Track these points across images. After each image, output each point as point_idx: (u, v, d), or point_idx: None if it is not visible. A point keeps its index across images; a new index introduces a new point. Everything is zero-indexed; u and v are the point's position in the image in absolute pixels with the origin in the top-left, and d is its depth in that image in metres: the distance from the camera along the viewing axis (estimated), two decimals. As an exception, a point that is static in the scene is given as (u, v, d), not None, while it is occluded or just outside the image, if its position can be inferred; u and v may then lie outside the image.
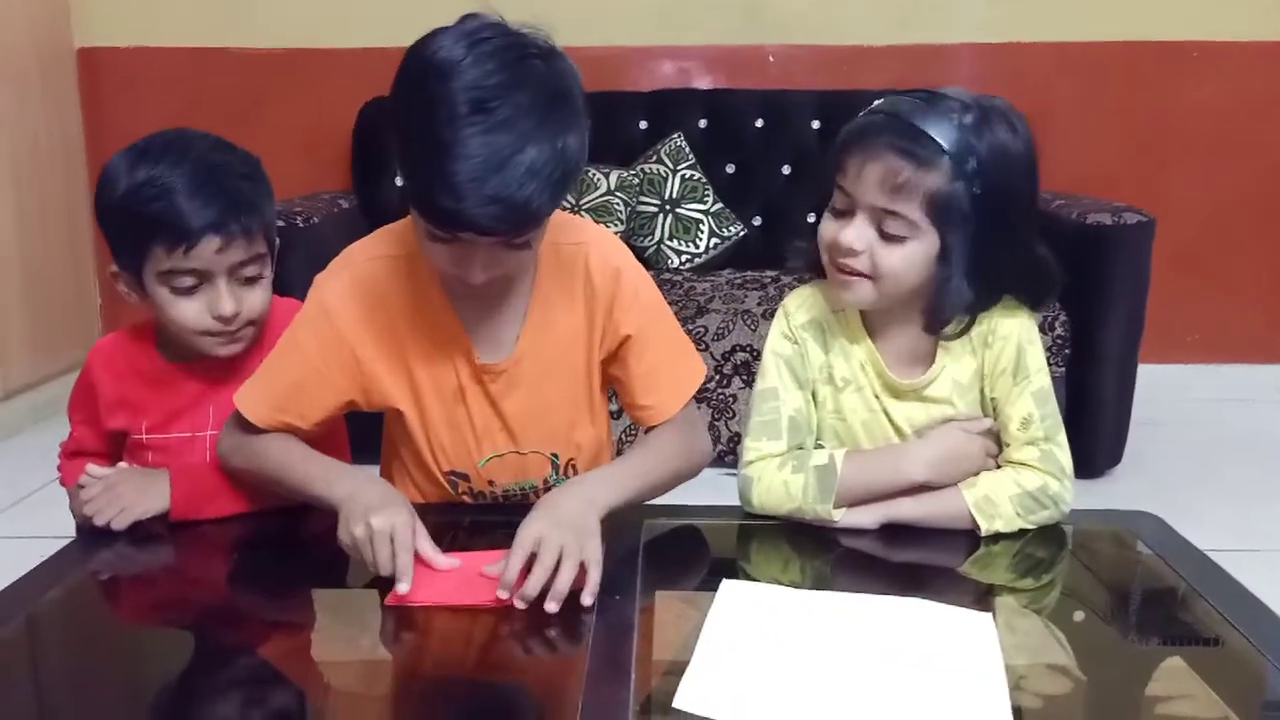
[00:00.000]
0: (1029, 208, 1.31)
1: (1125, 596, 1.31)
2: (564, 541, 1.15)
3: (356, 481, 1.27)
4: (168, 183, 1.35)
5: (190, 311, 1.41)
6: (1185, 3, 3.84)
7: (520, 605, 1.12)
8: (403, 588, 1.13)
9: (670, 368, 1.43)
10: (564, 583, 1.13)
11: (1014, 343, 1.35)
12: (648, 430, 1.44)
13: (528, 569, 1.14)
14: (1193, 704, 1.04)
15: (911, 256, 1.28)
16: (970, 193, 1.24)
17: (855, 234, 1.29)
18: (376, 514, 1.18)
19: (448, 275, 1.30)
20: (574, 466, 1.48)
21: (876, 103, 1.31)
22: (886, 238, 1.28)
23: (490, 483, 1.45)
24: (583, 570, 1.15)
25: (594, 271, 1.38)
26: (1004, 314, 1.35)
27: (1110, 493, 3.05)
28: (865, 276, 1.31)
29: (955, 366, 1.37)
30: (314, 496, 1.29)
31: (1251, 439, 3.57)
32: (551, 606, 1.12)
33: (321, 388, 1.36)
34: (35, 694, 1.07)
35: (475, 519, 1.42)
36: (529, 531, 1.16)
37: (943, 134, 1.23)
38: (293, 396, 1.36)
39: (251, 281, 1.43)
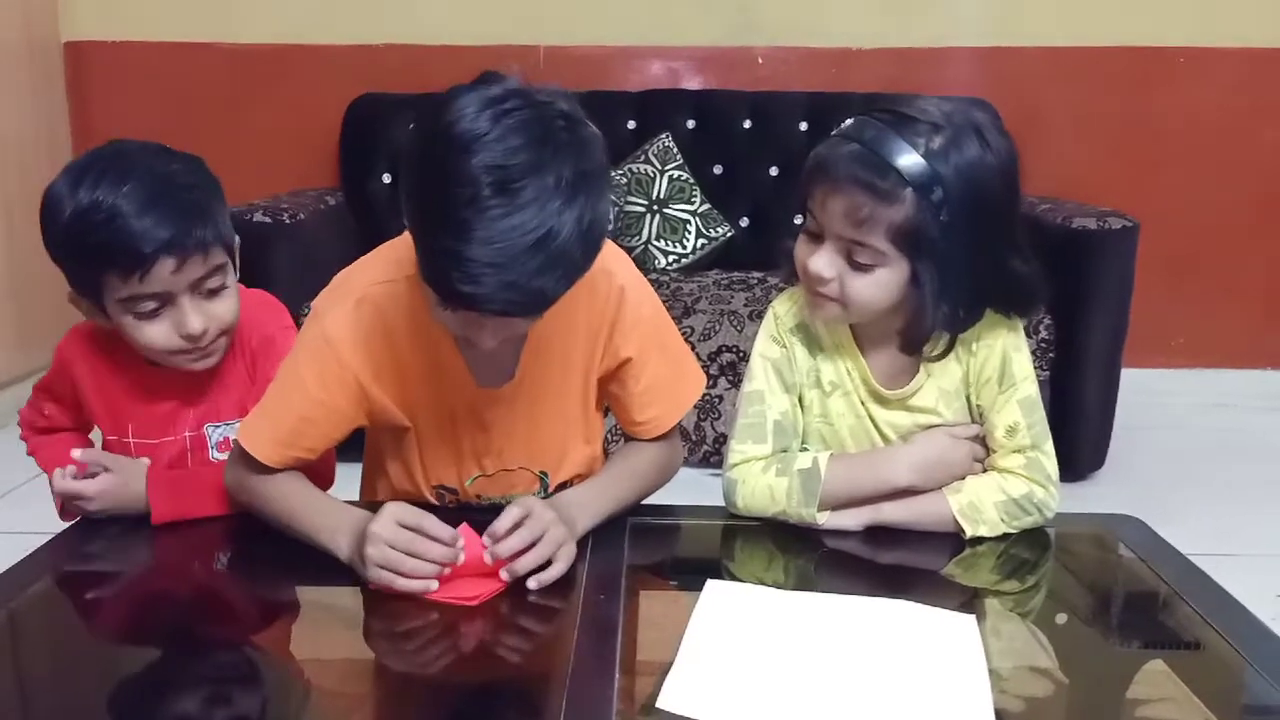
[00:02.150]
0: (1006, 222, 1.29)
1: (1107, 599, 1.31)
2: (552, 525, 1.19)
3: (355, 533, 1.21)
4: (113, 205, 1.28)
5: (157, 334, 1.36)
6: (1173, 9, 3.86)
7: (488, 560, 1.16)
8: (461, 556, 1.16)
9: (669, 384, 1.43)
10: (526, 564, 1.16)
11: (999, 351, 1.35)
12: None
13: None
14: (1174, 707, 1.04)
15: (881, 283, 1.28)
16: (938, 221, 1.22)
17: (824, 262, 1.29)
18: (372, 526, 1.17)
19: (454, 333, 1.28)
20: (569, 485, 1.46)
21: (846, 123, 1.28)
22: (856, 266, 1.27)
23: (477, 496, 1.45)
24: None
25: (597, 291, 1.35)
26: (988, 322, 1.35)
27: (1093, 496, 3.07)
28: (835, 300, 1.31)
29: (940, 375, 1.37)
30: (321, 548, 1.25)
31: (1234, 444, 3.58)
32: (504, 575, 1.16)
33: (328, 420, 1.32)
34: (16, 689, 1.06)
35: (462, 518, 1.41)
36: (526, 502, 1.21)
37: (906, 164, 1.21)
38: (299, 432, 1.32)
39: (215, 293, 1.38)
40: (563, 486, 1.46)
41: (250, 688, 1.07)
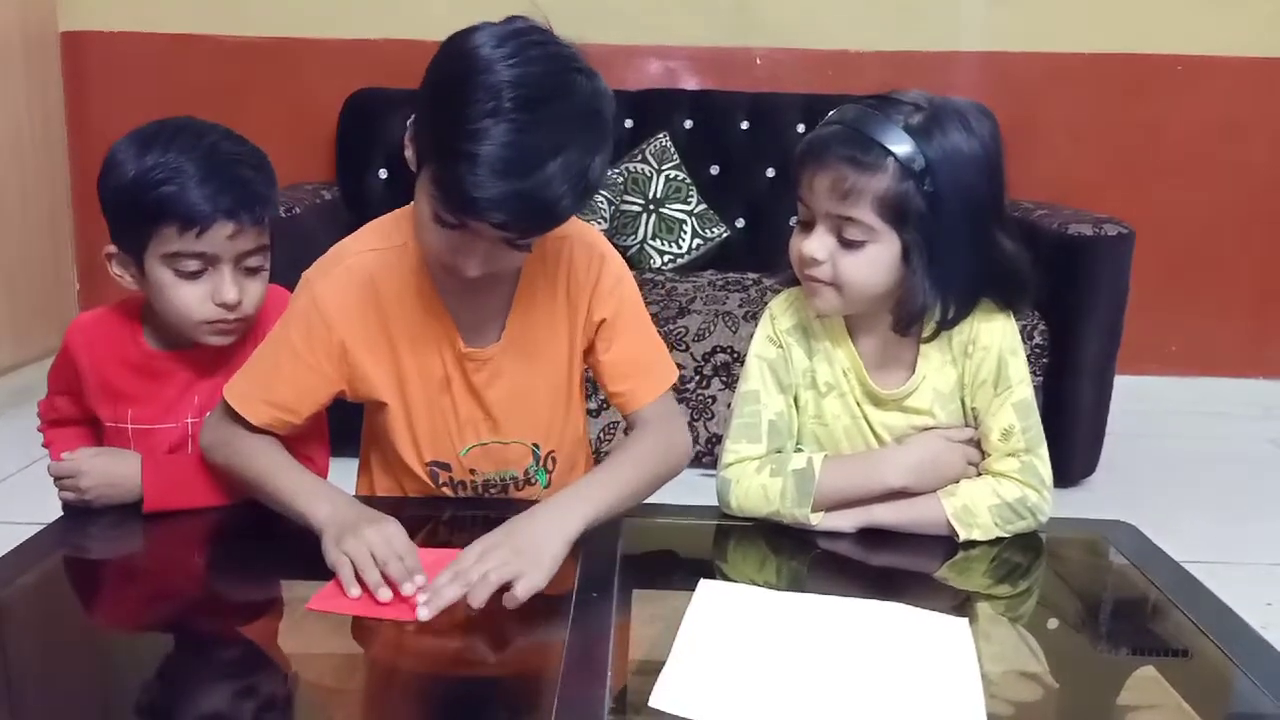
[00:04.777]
0: (991, 208, 1.31)
1: (1100, 605, 1.31)
2: (503, 567, 1.14)
3: (336, 503, 1.26)
4: (181, 167, 1.35)
5: (192, 297, 1.39)
6: (1172, 16, 3.86)
7: (425, 615, 1.11)
8: (409, 586, 1.13)
9: (643, 355, 1.44)
10: (476, 600, 1.11)
11: (995, 353, 1.35)
12: (627, 428, 1.45)
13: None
14: (1165, 714, 1.04)
15: (872, 261, 1.29)
16: (922, 191, 1.24)
17: (816, 244, 1.31)
18: (369, 525, 1.19)
19: (439, 264, 1.30)
20: (554, 458, 1.48)
21: (831, 113, 1.32)
22: (846, 244, 1.29)
23: (471, 471, 1.45)
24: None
25: (577, 262, 1.39)
26: (985, 323, 1.36)
27: (1084, 502, 3.07)
28: (829, 284, 1.31)
29: (936, 376, 1.38)
30: (295, 511, 1.27)
31: (1227, 452, 3.59)
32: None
33: (314, 383, 1.35)
34: (4, 679, 1.06)
35: (455, 513, 1.42)
36: (481, 547, 1.17)
37: (887, 137, 1.25)
38: (287, 394, 1.35)
39: (254, 272, 1.43)
40: (553, 456, 1.48)
41: (241, 681, 1.06)
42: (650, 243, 3.61)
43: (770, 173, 3.76)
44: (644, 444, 1.40)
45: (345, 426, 1.54)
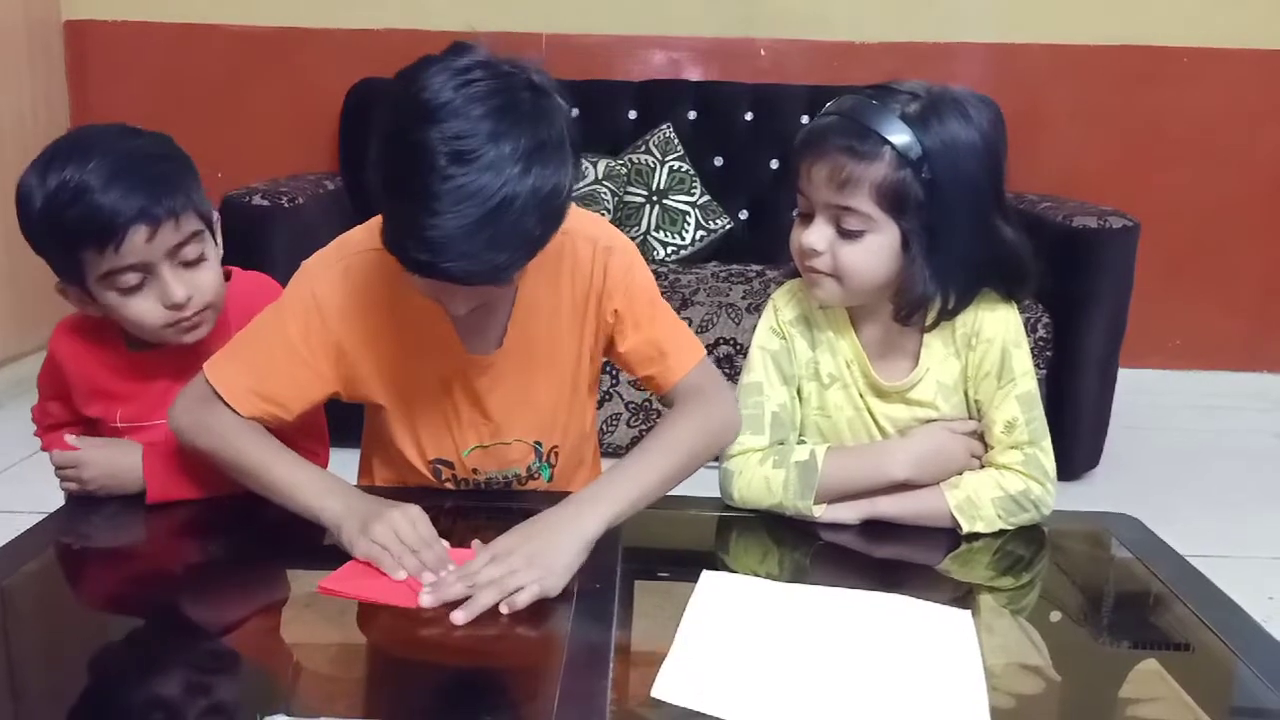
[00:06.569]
0: (991, 196, 1.31)
1: (1102, 597, 1.31)
2: (512, 576, 1.12)
3: (347, 497, 1.24)
4: (81, 182, 1.29)
5: (143, 308, 1.36)
6: (1178, 8, 3.85)
7: (427, 602, 1.11)
8: (429, 577, 1.13)
9: (664, 335, 1.41)
10: (478, 605, 1.10)
11: (998, 345, 1.35)
12: (663, 403, 1.43)
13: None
14: (1166, 706, 1.04)
15: (872, 250, 1.29)
16: (920, 179, 1.25)
17: (816, 235, 1.31)
18: (392, 509, 1.19)
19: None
20: (557, 453, 1.48)
21: (828, 104, 1.32)
22: (845, 234, 1.29)
23: (474, 470, 1.45)
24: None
25: (581, 258, 1.37)
26: (989, 315, 1.36)
27: (1087, 495, 3.07)
28: (830, 275, 1.31)
29: (939, 368, 1.37)
30: (298, 505, 1.25)
31: (1230, 446, 3.59)
32: (458, 617, 1.09)
33: (309, 380, 1.33)
34: (6, 666, 1.07)
35: (457, 504, 1.41)
36: (494, 551, 1.15)
37: (885, 126, 1.25)
38: (279, 387, 1.31)
39: (194, 264, 1.38)
40: (556, 451, 1.47)
41: (243, 669, 1.06)
42: (654, 234, 3.60)
43: (774, 164, 3.75)
44: (677, 425, 1.36)
45: (346, 419, 1.54)
